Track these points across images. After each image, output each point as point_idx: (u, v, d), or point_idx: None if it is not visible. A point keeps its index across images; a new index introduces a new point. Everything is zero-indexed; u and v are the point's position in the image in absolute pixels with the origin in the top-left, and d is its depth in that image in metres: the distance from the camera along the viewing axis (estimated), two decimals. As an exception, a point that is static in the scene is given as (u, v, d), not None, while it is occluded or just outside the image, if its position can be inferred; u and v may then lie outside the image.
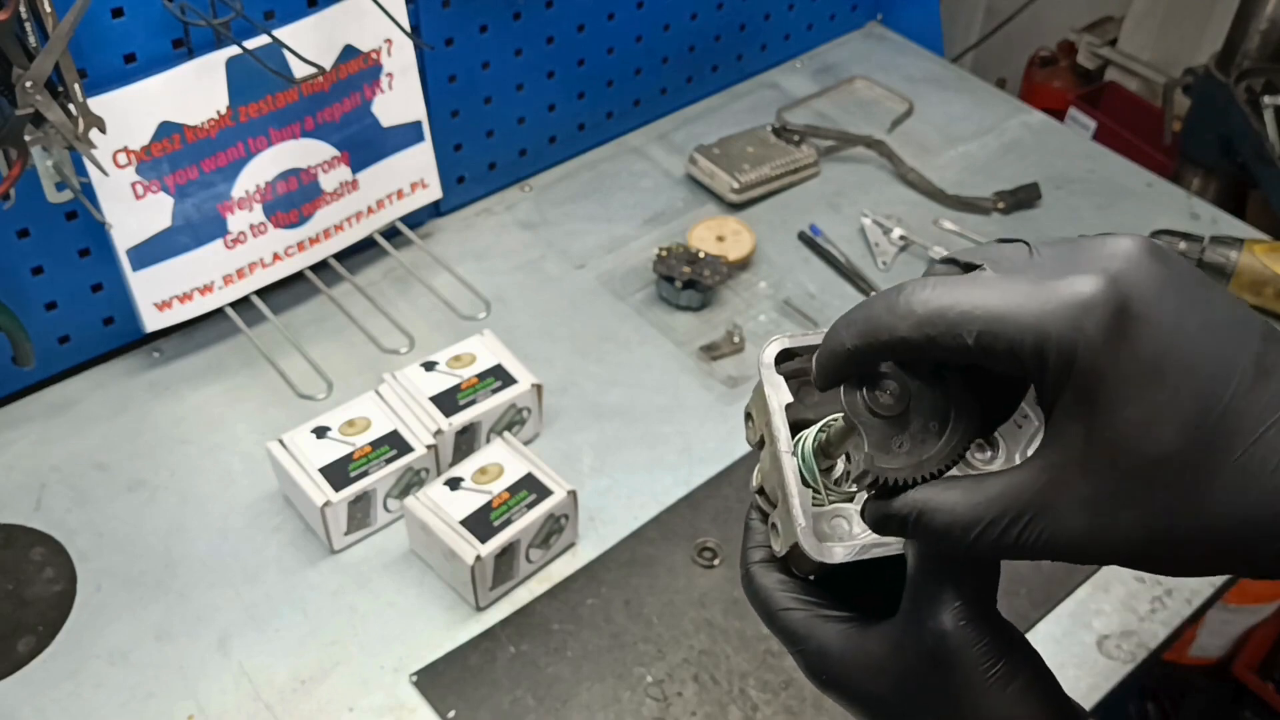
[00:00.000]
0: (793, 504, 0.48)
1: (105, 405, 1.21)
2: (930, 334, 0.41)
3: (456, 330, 1.29)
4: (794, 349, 0.51)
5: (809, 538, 0.47)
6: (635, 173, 1.53)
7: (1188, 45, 2.03)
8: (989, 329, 0.40)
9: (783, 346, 0.51)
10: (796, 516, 0.47)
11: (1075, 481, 0.40)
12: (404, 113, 1.30)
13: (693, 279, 1.31)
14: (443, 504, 1.04)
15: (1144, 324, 0.39)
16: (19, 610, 1.03)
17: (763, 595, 0.50)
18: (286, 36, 1.13)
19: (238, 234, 1.22)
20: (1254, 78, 1.64)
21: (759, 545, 0.51)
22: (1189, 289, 0.40)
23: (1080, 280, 0.39)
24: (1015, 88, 2.23)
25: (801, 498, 0.48)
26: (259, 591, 1.06)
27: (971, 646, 0.44)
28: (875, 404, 0.45)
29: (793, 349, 0.51)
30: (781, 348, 0.51)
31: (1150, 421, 0.39)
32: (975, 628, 0.44)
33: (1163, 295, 0.39)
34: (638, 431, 1.21)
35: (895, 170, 1.54)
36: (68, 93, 0.97)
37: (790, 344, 0.51)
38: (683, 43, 1.57)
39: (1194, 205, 1.53)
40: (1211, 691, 1.97)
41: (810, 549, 0.47)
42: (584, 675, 1.02)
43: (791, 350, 0.51)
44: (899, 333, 0.42)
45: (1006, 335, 0.40)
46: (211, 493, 1.14)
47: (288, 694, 1.00)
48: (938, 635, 0.44)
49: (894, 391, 0.45)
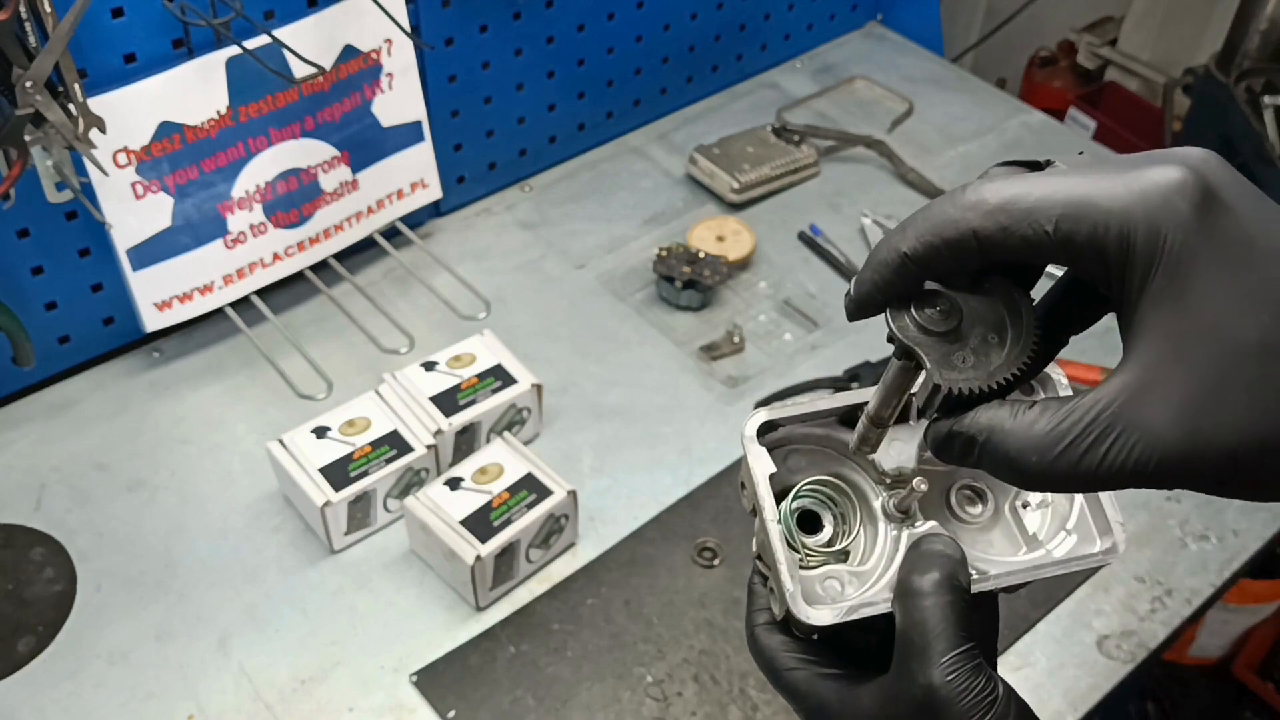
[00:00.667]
0: (780, 570, 0.49)
1: (105, 405, 1.21)
2: (1004, 223, 0.39)
3: (456, 330, 1.29)
4: (776, 420, 0.52)
5: (798, 602, 0.48)
6: (635, 173, 1.53)
7: (1188, 45, 2.03)
8: (1070, 213, 0.38)
9: (764, 419, 0.52)
10: (785, 583, 0.48)
11: (1170, 379, 0.37)
12: (404, 113, 1.30)
13: (693, 279, 1.31)
14: (443, 504, 1.04)
15: (1230, 210, 0.37)
16: (19, 610, 1.03)
17: (767, 656, 0.51)
18: (286, 36, 1.13)
19: (238, 234, 1.22)
20: (1254, 78, 1.64)
21: (761, 609, 0.52)
22: (1256, 191, 0.39)
23: (1163, 168, 0.38)
24: (1015, 88, 2.23)
25: (789, 563, 0.49)
26: (259, 591, 1.06)
27: (960, 700, 0.44)
28: (929, 321, 0.43)
29: (775, 420, 0.52)
30: (762, 420, 0.52)
31: (1247, 306, 0.36)
32: (963, 681, 0.44)
33: (1241, 188, 0.38)
34: (638, 431, 1.21)
35: (895, 170, 1.54)
36: (68, 93, 0.97)
37: (771, 416, 0.52)
38: (683, 43, 1.57)
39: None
40: (1211, 691, 1.97)
41: (799, 612, 0.48)
42: (584, 675, 1.02)
43: (773, 422, 0.52)
44: (969, 224, 0.39)
45: (1090, 219, 0.38)
46: (211, 493, 1.14)
47: (288, 694, 1.00)
48: (926, 689, 0.44)
49: (944, 307, 0.43)
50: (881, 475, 0.51)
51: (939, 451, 0.44)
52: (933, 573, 0.47)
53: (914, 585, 0.47)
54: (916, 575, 0.47)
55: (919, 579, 0.47)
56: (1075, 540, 0.51)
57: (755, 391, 1.26)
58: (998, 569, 0.50)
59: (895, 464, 0.50)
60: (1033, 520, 0.53)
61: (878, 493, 0.52)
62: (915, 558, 0.48)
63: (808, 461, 0.53)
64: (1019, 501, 0.53)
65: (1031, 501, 0.53)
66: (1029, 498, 0.53)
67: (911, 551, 0.49)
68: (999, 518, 0.53)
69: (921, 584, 0.46)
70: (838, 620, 0.48)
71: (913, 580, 0.47)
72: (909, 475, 0.50)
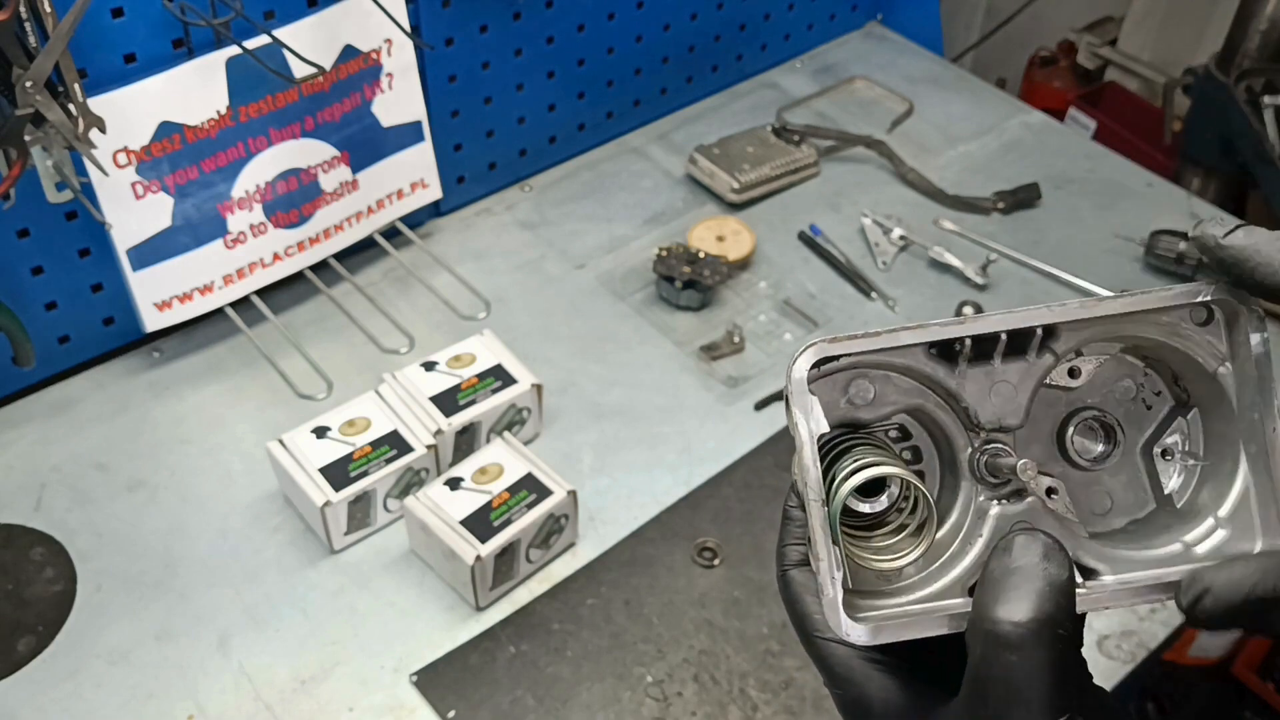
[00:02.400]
0: (819, 567, 0.39)
1: (105, 405, 1.21)
2: None
3: (456, 330, 1.28)
4: (840, 355, 0.41)
5: (838, 614, 0.39)
6: (635, 173, 1.53)
7: (1188, 45, 2.03)
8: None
9: (822, 354, 0.40)
10: (824, 586, 0.39)
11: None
12: (404, 113, 1.30)
13: (693, 279, 1.31)
14: (443, 504, 1.04)
15: None
16: (19, 610, 1.03)
17: (799, 610, 0.42)
18: (286, 36, 1.13)
19: (238, 234, 1.22)
20: (1254, 78, 1.64)
21: (795, 542, 0.43)
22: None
23: None
24: (1015, 88, 2.23)
25: (830, 561, 0.39)
26: (259, 591, 1.06)
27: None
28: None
29: (838, 355, 0.41)
30: (821, 355, 0.40)
31: None
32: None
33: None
34: (638, 431, 1.21)
35: (895, 170, 1.54)
36: (68, 93, 0.97)
37: (831, 351, 0.40)
38: (683, 43, 1.57)
39: (1194, 205, 1.53)
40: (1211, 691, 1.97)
41: (836, 627, 0.39)
42: (584, 675, 1.02)
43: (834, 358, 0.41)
44: None
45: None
46: (211, 493, 1.14)
47: (288, 694, 1.00)
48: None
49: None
50: (975, 424, 0.41)
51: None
52: (1021, 608, 0.36)
53: (998, 625, 0.36)
54: (1002, 607, 0.36)
55: (1004, 612, 0.36)
56: (1226, 535, 0.41)
57: (755, 391, 1.25)
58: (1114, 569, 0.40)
59: (996, 414, 0.41)
60: (1170, 474, 0.43)
61: (969, 442, 0.42)
62: (1002, 573, 0.37)
63: (879, 390, 0.42)
64: (1158, 447, 0.43)
65: (1174, 448, 0.43)
66: (1171, 440, 0.43)
67: (998, 559, 0.38)
68: (1127, 462, 0.43)
69: (1008, 625, 0.36)
70: (874, 643, 0.39)
71: (996, 615, 0.36)
72: (1012, 429, 0.41)
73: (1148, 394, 0.43)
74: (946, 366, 0.41)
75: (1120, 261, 1.42)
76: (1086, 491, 0.42)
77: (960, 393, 0.41)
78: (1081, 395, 0.42)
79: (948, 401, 0.42)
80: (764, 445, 1.20)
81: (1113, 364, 0.42)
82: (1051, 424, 0.42)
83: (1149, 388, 0.43)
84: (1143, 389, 0.43)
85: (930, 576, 0.41)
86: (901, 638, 0.39)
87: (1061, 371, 0.42)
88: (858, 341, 0.40)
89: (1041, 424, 0.42)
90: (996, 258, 1.39)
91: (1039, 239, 1.45)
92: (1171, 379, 0.43)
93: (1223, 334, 0.41)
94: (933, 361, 0.41)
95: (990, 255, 1.39)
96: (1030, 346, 0.41)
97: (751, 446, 1.20)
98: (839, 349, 0.40)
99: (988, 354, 0.41)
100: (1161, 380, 0.43)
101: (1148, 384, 0.43)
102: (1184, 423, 0.43)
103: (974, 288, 1.38)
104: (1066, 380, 0.42)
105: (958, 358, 0.41)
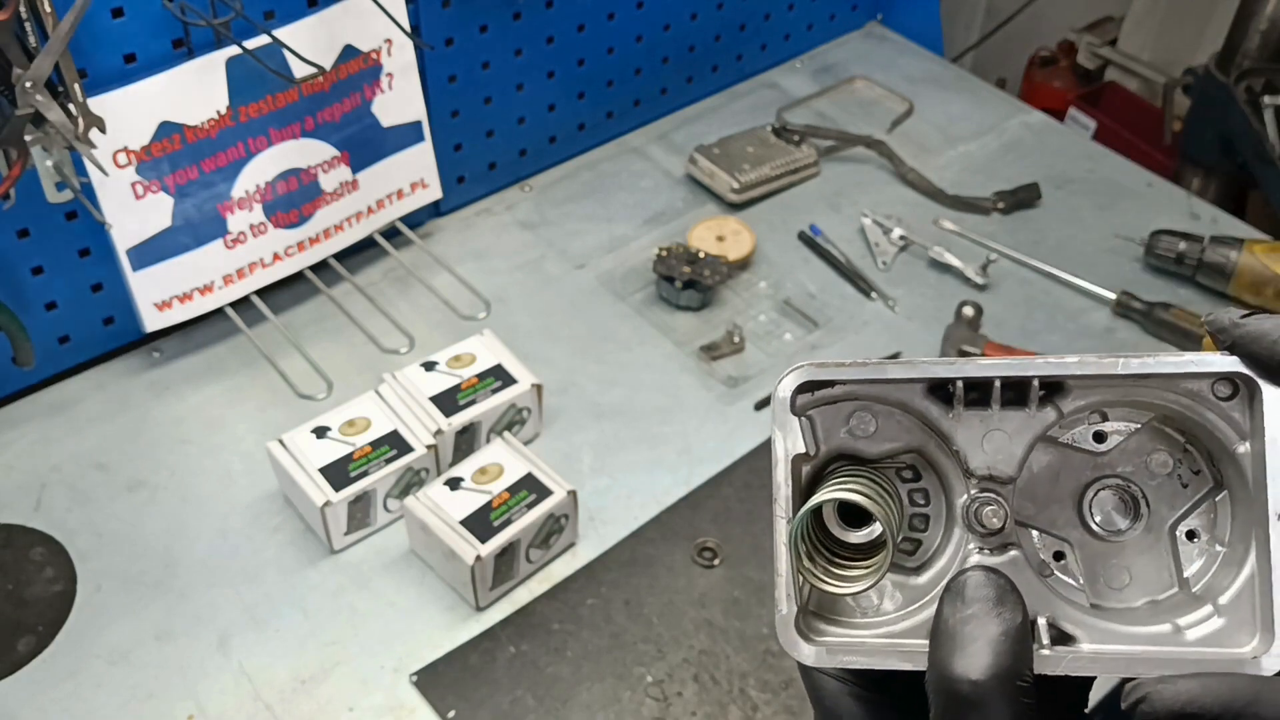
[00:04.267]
0: (778, 583, 0.39)
1: (105, 405, 1.21)
2: None
3: (456, 330, 1.28)
4: (827, 380, 0.40)
5: (788, 629, 0.39)
6: (635, 173, 1.53)
7: (1188, 45, 2.03)
8: None
9: (808, 377, 0.40)
10: (779, 601, 0.39)
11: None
12: (404, 113, 1.30)
13: (693, 279, 1.31)
14: (443, 504, 1.04)
15: None
16: (19, 610, 1.03)
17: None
18: (286, 36, 1.13)
19: (238, 234, 1.22)
20: (1254, 78, 1.64)
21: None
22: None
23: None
24: (1015, 88, 2.23)
25: (789, 575, 0.39)
26: (259, 591, 1.06)
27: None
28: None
29: (825, 380, 0.40)
30: (806, 378, 0.40)
31: None
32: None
33: None
34: (638, 431, 1.21)
35: (895, 170, 1.54)
36: (68, 93, 0.97)
37: (818, 375, 0.40)
38: (683, 43, 1.57)
39: (1194, 205, 1.53)
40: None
41: (784, 641, 0.39)
42: (584, 675, 1.02)
43: (823, 382, 0.40)
44: None
45: None
46: (211, 493, 1.14)
47: (288, 694, 1.00)
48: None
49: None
50: (968, 471, 0.40)
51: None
52: (977, 665, 0.35)
53: (957, 684, 0.35)
54: (959, 661, 0.35)
55: (961, 668, 0.35)
56: (1221, 625, 0.39)
57: (755, 391, 1.25)
58: (1092, 639, 0.39)
59: (987, 462, 0.40)
60: (1192, 557, 0.41)
61: (965, 488, 0.41)
62: (955, 621, 0.36)
63: (881, 425, 0.41)
64: (1183, 527, 0.41)
65: (1200, 530, 0.41)
66: (1198, 522, 0.41)
67: (949, 600, 0.37)
68: (1154, 539, 0.41)
69: (967, 685, 0.35)
70: (821, 665, 0.39)
71: (954, 673, 0.35)
72: (1004, 480, 0.40)
73: (1185, 471, 0.41)
74: (941, 407, 0.40)
75: (1120, 261, 1.42)
76: (1105, 563, 0.41)
77: (952, 435, 0.40)
78: (1111, 462, 0.41)
79: (943, 446, 0.41)
80: (764, 445, 1.20)
81: (1147, 434, 0.41)
82: (1074, 487, 0.41)
83: (1187, 465, 0.41)
84: (1180, 465, 0.41)
85: (907, 616, 0.41)
86: (851, 665, 0.39)
87: (1086, 434, 0.41)
88: (845, 369, 0.40)
89: (1063, 485, 0.41)
90: (996, 258, 1.39)
91: (1039, 239, 1.45)
92: (1208, 457, 0.41)
93: (1247, 411, 0.39)
94: (927, 400, 0.41)
95: (990, 255, 1.39)
96: (1030, 398, 0.40)
97: (751, 446, 1.20)
98: (825, 374, 0.40)
99: (985, 399, 0.40)
100: (1200, 458, 0.41)
101: (1186, 460, 0.41)
102: (1213, 504, 0.41)
103: (974, 288, 1.38)
104: (1091, 444, 0.41)
105: (953, 399, 0.40)
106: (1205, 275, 1.37)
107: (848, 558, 0.40)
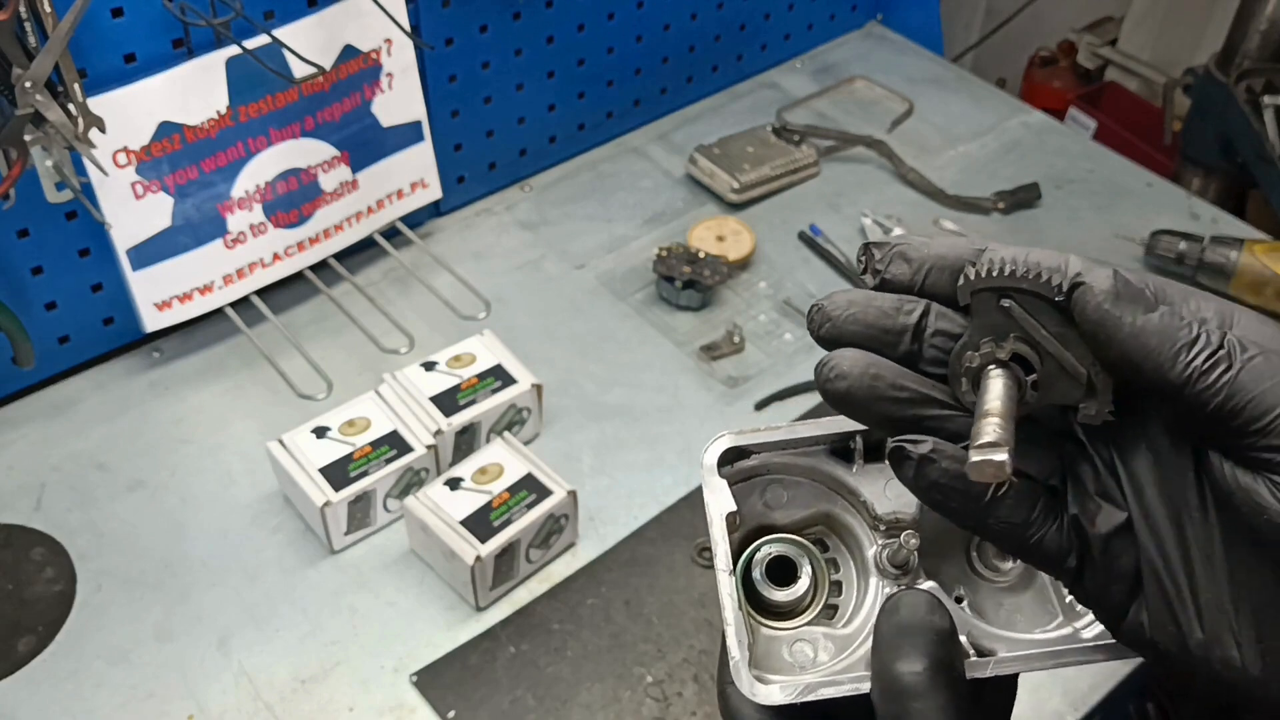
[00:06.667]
0: (727, 632, 0.42)
1: (105, 405, 1.21)
2: None
3: (456, 330, 1.28)
4: (747, 447, 0.44)
5: (741, 675, 0.41)
6: (635, 173, 1.53)
7: (1188, 45, 2.03)
8: None
9: (729, 445, 0.44)
10: (731, 649, 0.41)
11: None
12: (404, 113, 1.30)
13: (693, 279, 1.31)
14: (443, 504, 1.04)
15: None
16: (19, 610, 1.03)
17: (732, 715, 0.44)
18: (286, 36, 1.13)
19: (238, 234, 1.22)
20: (1254, 78, 1.64)
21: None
22: None
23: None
24: (1015, 88, 2.23)
25: (737, 625, 0.42)
26: (259, 591, 1.06)
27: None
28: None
29: (746, 447, 0.44)
30: (727, 446, 0.44)
31: None
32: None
33: None
34: (638, 431, 1.21)
35: (895, 170, 1.54)
36: (68, 93, 0.97)
37: (738, 442, 0.44)
38: (683, 43, 1.57)
39: (1194, 205, 1.53)
40: (1211, 691, 1.96)
41: (743, 687, 0.41)
42: (584, 675, 1.02)
43: (745, 449, 0.44)
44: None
45: None
46: (211, 493, 1.14)
47: (288, 694, 1.00)
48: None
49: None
50: (875, 520, 0.44)
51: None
52: (917, 659, 0.39)
53: (901, 678, 0.39)
54: (900, 662, 0.39)
55: (901, 666, 0.39)
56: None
57: (755, 391, 1.25)
58: (1009, 648, 0.42)
59: (892, 508, 0.44)
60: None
61: (872, 540, 0.45)
62: (892, 630, 0.40)
63: (791, 495, 0.45)
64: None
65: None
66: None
67: (886, 617, 0.41)
68: (1033, 579, 0.45)
69: (904, 675, 0.39)
70: (790, 701, 0.41)
71: (896, 669, 0.39)
72: (906, 524, 0.44)
73: None
74: (844, 466, 0.44)
75: (1120, 261, 1.41)
76: (995, 605, 0.45)
77: (858, 489, 0.44)
78: None
79: (851, 501, 0.45)
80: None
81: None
82: (960, 542, 0.45)
83: None
84: None
85: (843, 659, 0.43)
86: (806, 699, 0.41)
87: None
88: (762, 434, 0.44)
89: (952, 542, 0.45)
90: (996, 258, 1.39)
91: (1039, 239, 1.45)
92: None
93: None
94: (831, 462, 0.45)
95: (990, 255, 1.39)
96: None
97: (751, 446, 1.20)
98: (746, 440, 0.44)
99: (880, 453, 0.42)
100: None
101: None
102: None
103: (974, 288, 1.38)
104: None
105: (853, 455, 0.44)
106: (1205, 275, 1.37)
107: (777, 616, 0.44)
